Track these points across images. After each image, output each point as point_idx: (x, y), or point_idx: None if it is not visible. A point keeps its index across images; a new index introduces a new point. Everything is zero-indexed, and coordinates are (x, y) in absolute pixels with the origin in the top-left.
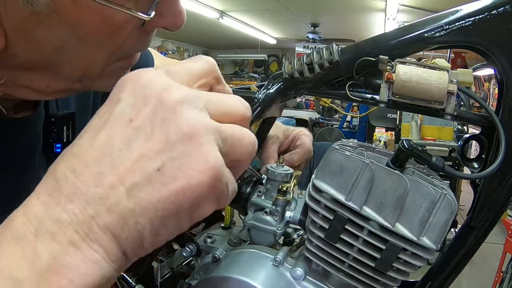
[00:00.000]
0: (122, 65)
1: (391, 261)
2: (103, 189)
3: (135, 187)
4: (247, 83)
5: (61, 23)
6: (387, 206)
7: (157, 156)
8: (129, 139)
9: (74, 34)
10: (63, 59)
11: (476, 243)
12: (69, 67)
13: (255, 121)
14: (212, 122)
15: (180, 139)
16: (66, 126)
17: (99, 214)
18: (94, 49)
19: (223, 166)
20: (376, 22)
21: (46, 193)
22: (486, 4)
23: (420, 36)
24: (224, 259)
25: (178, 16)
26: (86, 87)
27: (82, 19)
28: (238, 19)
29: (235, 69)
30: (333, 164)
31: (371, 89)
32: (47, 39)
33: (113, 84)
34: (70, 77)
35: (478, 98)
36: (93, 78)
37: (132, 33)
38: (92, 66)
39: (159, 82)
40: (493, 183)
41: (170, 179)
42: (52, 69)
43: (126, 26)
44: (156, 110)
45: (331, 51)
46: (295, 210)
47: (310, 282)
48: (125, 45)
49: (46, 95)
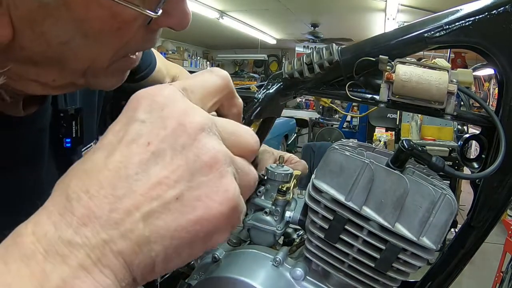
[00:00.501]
0: (125, 64)
1: (391, 261)
2: (118, 214)
3: (152, 215)
4: (247, 83)
5: (69, 17)
6: (387, 206)
7: (176, 184)
8: (147, 163)
9: (81, 29)
10: (70, 53)
11: (476, 243)
12: (75, 61)
13: (254, 121)
14: (229, 152)
15: (200, 168)
16: (75, 121)
17: (113, 239)
18: (100, 44)
19: (240, 197)
20: (376, 22)
21: (57, 212)
22: (486, 4)
23: (420, 36)
24: (223, 259)
25: (184, 16)
26: (89, 83)
27: (90, 14)
28: (238, 19)
29: (235, 69)
30: (333, 164)
31: (371, 89)
32: (54, 33)
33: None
34: (75, 71)
35: (478, 98)
36: (97, 74)
37: (139, 30)
38: (97, 62)
39: (178, 103)
40: (493, 183)
41: (188, 209)
42: (58, 63)
43: (133, 23)
44: (176, 135)
45: (331, 51)
46: (295, 210)
47: (310, 282)
48: (131, 43)
49: (52, 90)
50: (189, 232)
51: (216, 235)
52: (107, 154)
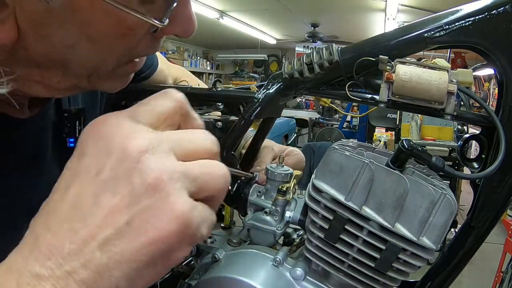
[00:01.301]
0: (129, 68)
1: (391, 261)
2: (77, 246)
3: (108, 242)
4: (247, 83)
5: (74, 21)
6: (387, 206)
7: (126, 210)
8: (97, 193)
9: (86, 34)
10: (74, 57)
11: (476, 243)
12: (79, 65)
13: (255, 121)
14: (178, 166)
15: (145, 191)
16: (78, 121)
17: (75, 270)
18: (105, 49)
19: (192, 210)
20: (376, 22)
21: (26, 250)
22: (486, 4)
23: (420, 36)
24: (224, 259)
25: (189, 24)
26: (93, 86)
27: (96, 20)
28: (238, 19)
29: (235, 69)
30: (333, 164)
31: (371, 89)
32: (59, 37)
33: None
34: (79, 74)
35: (478, 98)
36: (101, 77)
37: (144, 37)
38: (102, 66)
39: (121, 130)
40: (493, 183)
41: (139, 232)
42: (63, 66)
43: (138, 30)
44: (120, 161)
45: (331, 51)
46: (295, 210)
47: (310, 282)
48: (136, 48)
49: (57, 92)
50: (145, 255)
51: (174, 253)
52: (63, 191)
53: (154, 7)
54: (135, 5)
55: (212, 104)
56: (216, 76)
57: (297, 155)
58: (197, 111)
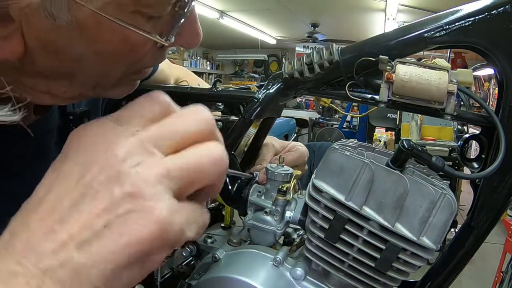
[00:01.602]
0: (135, 77)
1: (391, 261)
2: (55, 245)
3: (85, 243)
4: (247, 83)
5: (81, 39)
6: (387, 206)
7: (104, 214)
8: (77, 198)
9: (93, 49)
10: (81, 69)
11: (476, 243)
12: (86, 76)
13: (255, 121)
14: (160, 168)
15: (124, 198)
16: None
17: (51, 268)
18: (111, 63)
19: (173, 214)
20: (376, 22)
21: (3, 247)
22: (486, 4)
23: (420, 36)
24: (224, 259)
25: (195, 37)
26: (98, 95)
27: (103, 37)
28: (238, 19)
29: (235, 69)
30: (333, 164)
31: (371, 89)
32: (66, 52)
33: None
34: (85, 85)
35: (478, 98)
36: (106, 87)
37: (151, 50)
38: (107, 78)
39: (103, 138)
40: (493, 183)
41: (116, 235)
42: (69, 77)
43: (144, 46)
44: (101, 170)
45: (331, 51)
46: (295, 210)
47: (310, 282)
48: (142, 61)
49: (62, 100)
50: (123, 256)
51: (152, 256)
52: (44, 192)
53: (160, 22)
54: (141, 22)
55: (212, 104)
56: (216, 76)
57: (298, 150)
58: None
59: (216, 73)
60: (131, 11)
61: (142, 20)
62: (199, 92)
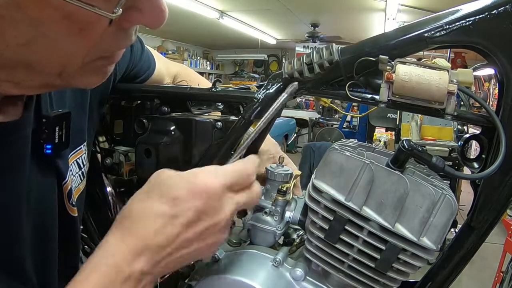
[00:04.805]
0: (103, 63)
1: (391, 262)
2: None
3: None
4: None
5: (22, 18)
6: (387, 206)
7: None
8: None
9: (39, 31)
10: (33, 55)
11: (476, 243)
12: (42, 63)
13: (255, 121)
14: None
15: None
16: (59, 126)
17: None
18: (66, 46)
19: None
20: (376, 22)
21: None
22: (486, 4)
23: (420, 36)
24: (224, 259)
25: (158, 13)
26: (67, 83)
27: (46, 16)
28: (238, 19)
29: (235, 69)
30: (333, 164)
31: (371, 89)
32: (11, 35)
33: (95, 81)
34: (47, 72)
35: (478, 98)
36: (72, 74)
37: (107, 31)
38: (69, 63)
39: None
40: (493, 183)
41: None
42: (24, 64)
43: (95, 24)
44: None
45: (331, 51)
46: (295, 210)
47: (309, 283)
48: (102, 43)
49: (28, 89)
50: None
51: None
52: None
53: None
54: None
55: (212, 104)
56: (216, 76)
57: None
58: (197, 111)
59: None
60: None
61: None
62: (199, 92)
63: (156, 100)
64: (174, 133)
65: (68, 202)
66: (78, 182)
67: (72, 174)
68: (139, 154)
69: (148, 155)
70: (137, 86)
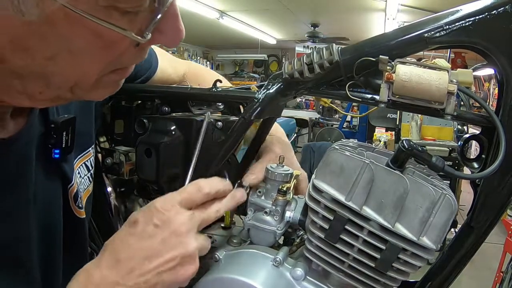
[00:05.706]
0: (115, 78)
1: (391, 261)
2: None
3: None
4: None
5: (53, 35)
6: (387, 206)
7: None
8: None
9: (66, 46)
10: (55, 69)
11: (476, 243)
12: (61, 76)
13: (255, 121)
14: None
15: None
16: (66, 131)
17: None
18: (86, 62)
19: None
20: (376, 22)
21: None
22: (486, 4)
23: (420, 36)
24: (224, 259)
25: (176, 34)
26: (77, 97)
27: (75, 33)
28: (238, 19)
29: (235, 69)
30: (333, 164)
31: (371, 89)
32: (39, 49)
33: (105, 94)
34: (61, 86)
35: (478, 98)
36: (84, 89)
37: (128, 48)
38: (84, 78)
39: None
40: (493, 183)
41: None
42: (44, 77)
43: (120, 43)
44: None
45: (331, 51)
46: (295, 210)
47: (310, 282)
48: (120, 59)
49: (40, 102)
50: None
51: None
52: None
53: (137, 18)
54: (116, 17)
55: (212, 104)
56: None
57: None
58: (197, 111)
59: None
60: (105, 6)
61: (117, 15)
62: (199, 92)
63: (157, 100)
64: (175, 133)
65: (75, 204)
66: (87, 185)
67: (81, 177)
68: (140, 154)
69: (148, 155)
70: (137, 86)
